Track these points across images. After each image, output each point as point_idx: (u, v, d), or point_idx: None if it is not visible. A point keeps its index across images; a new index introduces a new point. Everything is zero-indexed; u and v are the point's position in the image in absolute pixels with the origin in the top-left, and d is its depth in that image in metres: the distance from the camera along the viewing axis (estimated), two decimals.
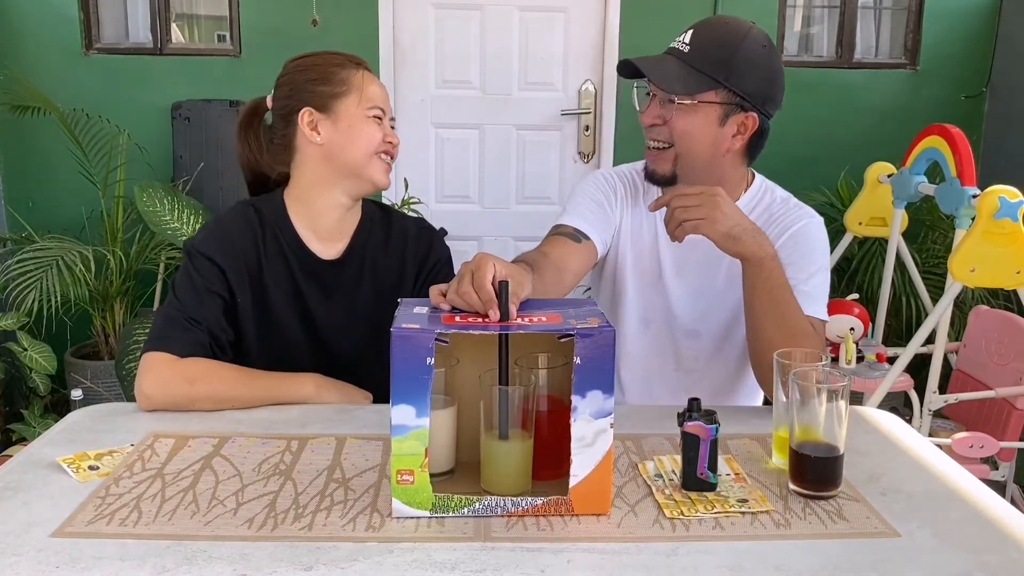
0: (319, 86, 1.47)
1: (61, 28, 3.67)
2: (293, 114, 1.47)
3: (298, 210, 1.50)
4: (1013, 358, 2.59)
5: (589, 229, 1.53)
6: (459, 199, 3.95)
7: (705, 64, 1.45)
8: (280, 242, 1.49)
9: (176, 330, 1.38)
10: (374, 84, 1.50)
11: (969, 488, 1.10)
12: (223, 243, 1.46)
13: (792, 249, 1.49)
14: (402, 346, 0.96)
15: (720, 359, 1.61)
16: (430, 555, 0.91)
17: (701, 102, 1.46)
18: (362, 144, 1.47)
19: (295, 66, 1.52)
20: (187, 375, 1.34)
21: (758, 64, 1.47)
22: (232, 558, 0.90)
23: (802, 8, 4.07)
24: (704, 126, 1.47)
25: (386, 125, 1.51)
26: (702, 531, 0.98)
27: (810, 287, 1.46)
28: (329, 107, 1.46)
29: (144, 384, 1.33)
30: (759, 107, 1.48)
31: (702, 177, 1.49)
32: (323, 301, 1.50)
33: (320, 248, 1.51)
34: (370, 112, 1.47)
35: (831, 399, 1.04)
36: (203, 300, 1.42)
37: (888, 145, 3.60)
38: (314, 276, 1.50)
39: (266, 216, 1.50)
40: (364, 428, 1.27)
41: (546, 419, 1.06)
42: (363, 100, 1.47)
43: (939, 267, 3.46)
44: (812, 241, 1.52)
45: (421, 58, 3.82)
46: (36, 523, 0.97)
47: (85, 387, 3.18)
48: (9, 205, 3.72)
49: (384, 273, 1.53)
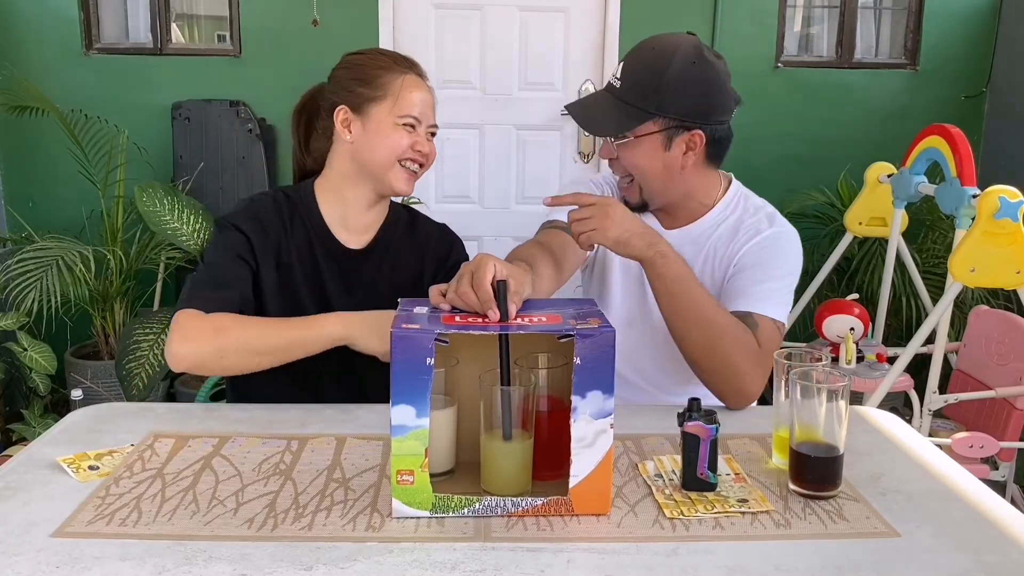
0: (359, 87, 1.49)
1: (61, 28, 3.67)
2: (333, 108, 1.51)
3: (327, 198, 1.54)
4: (1013, 358, 2.59)
5: None
6: (459, 199, 3.96)
7: (636, 97, 1.46)
8: (307, 227, 1.53)
9: (205, 290, 1.41)
10: (416, 91, 1.50)
11: (969, 488, 1.10)
12: (253, 219, 1.49)
13: (756, 253, 1.51)
14: (402, 346, 0.96)
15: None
16: (430, 555, 0.91)
17: (638, 136, 1.47)
18: (385, 151, 1.48)
19: (346, 61, 1.55)
20: (215, 325, 1.35)
21: (689, 82, 1.45)
22: (232, 558, 0.90)
23: (802, 8, 4.07)
24: (650, 155, 1.49)
25: (420, 133, 1.50)
26: (702, 531, 0.98)
27: (762, 289, 1.46)
28: (363, 109, 1.49)
29: (173, 340, 1.34)
30: (701, 123, 1.47)
31: (670, 196, 1.54)
32: (342, 290, 1.53)
33: (346, 237, 1.55)
34: (401, 120, 1.48)
35: (831, 399, 1.04)
36: (233, 266, 1.45)
37: (888, 145, 3.60)
38: (336, 264, 1.53)
39: (295, 201, 1.54)
40: (364, 428, 1.27)
41: (546, 419, 1.06)
42: (397, 107, 1.48)
43: (939, 267, 3.46)
44: (778, 249, 1.52)
45: (421, 58, 3.76)
46: (36, 523, 0.97)
47: (85, 387, 3.18)
48: (9, 205, 3.72)
49: (404, 271, 1.57)
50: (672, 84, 1.44)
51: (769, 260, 1.51)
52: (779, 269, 1.51)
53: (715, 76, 1.47)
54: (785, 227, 1.56)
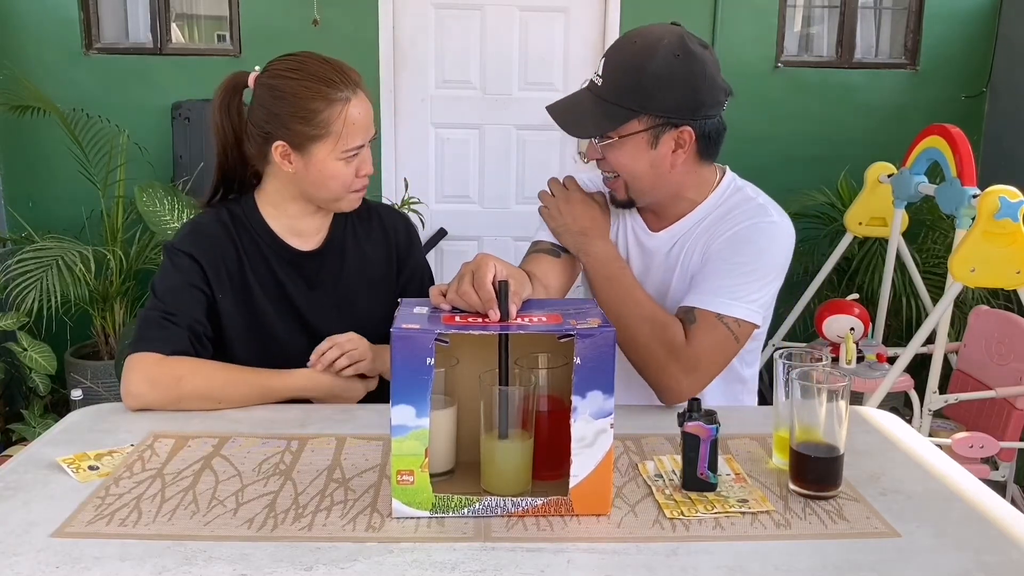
0: (297, 124, 1.38)
1: (61, 28, 3.67)
2: (269, 139, 1.41)
3: (270, 212, 1.50)
4: (1013, 358, 2.59)
5: None
6: (459, 199, 3.96)
7: (618, 95, 1.39)
8: (256, 239, 1.49)
9: (156, 329, 1.38)
10: (358, 117, 1.40)
11: (969, 488, 1.10)
12: (201, 242, 1.45)
13: (724, 246, 1.43)
14: (402, 346, 0.96)
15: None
16: (430, 555, 0.91)
17: (622, 137, 1.40)
18: (331, 187, 1.44)
19: (279, 89, 1.40)
20: (174, 373, 1.34)
21: (674, 78, 1.37)
22: (232, 558, 0.90)
23: (802, 8, 4.07)
24: (636, 154, 1.41)
25: (363, 156, 1.44)
26: (702, 531, 0.98)
27: (718, 284, 1.39)
28: (304, 147, 1.40)
29: (130, 384, 1.33)
30: (689, 118, 1.39)
31: (658, 194, 1.48)
32: (306, 292, 1.50)
33: (297, 242, 1.51)
34: (345, 155, 1.41)
35: (831, 399, 1.04)
36: (181, 295, 1.42)
37: (888, 145, 3.60)
38: (295, 267, 1.50)
39: (239, 216, 1.50)
40: (364, 428, 1.27)
41: (546, 419, 1.06)
42: (341, 143, 1.40)
43: (939, 267, 3.46)
44: (749, 241, 1.43)
45: (421, 58, 3.82)
46: (36, 523, 0.97)
47: (85, 387, 3.18)
48: (9, 205, 3.72)
49: (367, 262, 1.54)
50: (655, 80, 1.36)
51: (736, 253, 1.41)
52: (746, 264, 1.40)
53: (701, 68, 1.38)
54: (767, 219, 1.45)
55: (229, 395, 1.35)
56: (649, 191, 1.47)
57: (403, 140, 3.86)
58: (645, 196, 1.48)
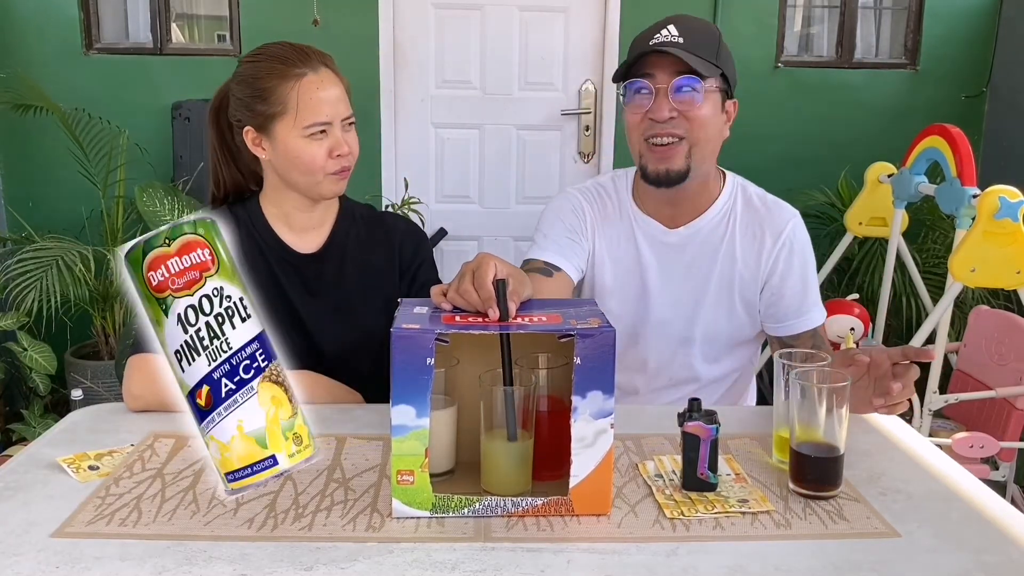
0: (257, 103, 1.40)
1: (61, 28, 3.67)
2: (241, 128, 1.44)
3: (270, 209, 1.51)
4: (1013, 358, 2.59)
5: (560, 260, 1.52)
6: (459, 199, 3.95)
7: (703, 50, 1.42)
8: (257, 241, 1.49)
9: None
10: (317, 91, 1.39)
11: (969, 488, 1.10)
12: None
13: (790, 253, 1.53)
14: (402, 346, 0.96)
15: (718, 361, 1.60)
16: (430, 555, 0.91)
17: (709, 90, 1.43)
18: (302, 167, 1.42)
19: (240, 73, 1.44)
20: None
21: (730, 52, 1.49)
22: (232, 558, 0.90)
23: (802, 8, 4.06)
24: (715, 112, 1.46)
25: (335, 134, 1.41)
26: (702, 531, 0.98)
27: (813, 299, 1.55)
28: (267, 128, 1.41)
29: (131, 385, 1.33)
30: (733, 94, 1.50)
31: (709, 167, 1.51)
32: (306, 296, 1.50)
33: (296, 241, 1.50)
34: (307, 132, 1.39)
35: (831, 399, 1.04)
36: None
37: (888, 145, 3.60)
38: (294, 270, 1.50)
39: (241, 216, 1.50)
40: (364, 428, 1.27)
41: (546, 419, 1.06)
42: (299, 119, 1.38)
43: (939, 267, 3.46)
44: (806, 243, 1.58)
45: (421, 58, 3.82)
46: (36, 523, 0.97)
47: (85, 387, 3.18)
48: (9, 205, 3.72)
49: (368, 269, 1.53)
50: (725, 49, 1.46)
51: (805, 264, 1.56)
52: (811, 264, 1.58)
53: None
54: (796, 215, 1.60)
55: None
56: (708, 158, 1.49)
57: (403, 140, 3.86)
58: (703, 164, 1.48)
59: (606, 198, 1.59)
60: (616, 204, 1.59)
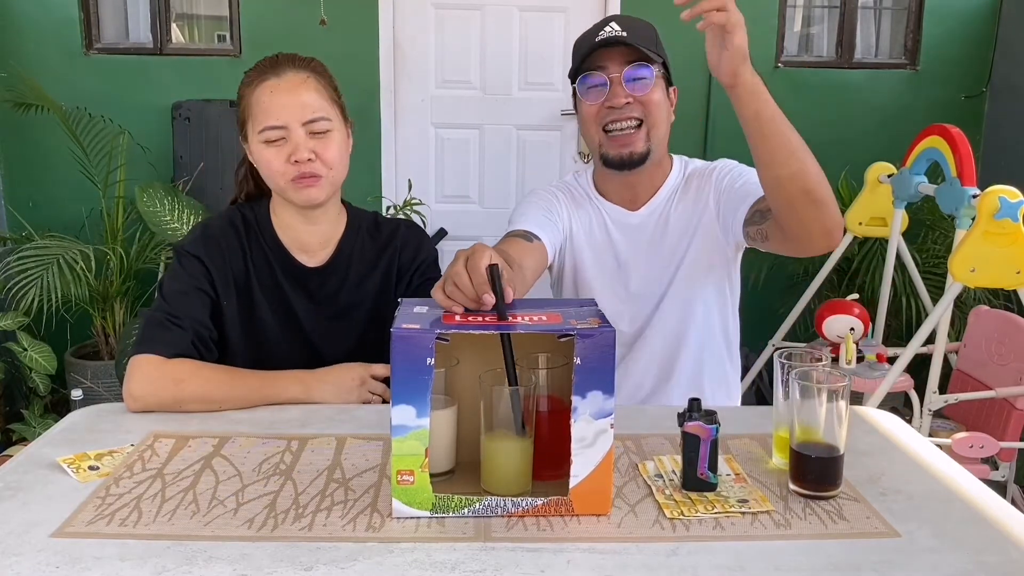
0: (238, 111, 1.45)
1: (61, 28, 3.67)
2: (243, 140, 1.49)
3: (276, 221, 1.51)
4: (1013, 358, 2.59)
5: (539, 231, 1.59)
6: (459, 199, 3.96)
7: (645, 42, 1.54)
8: (264, 248, 1.49)
9: (160, 331, 1.39)
10: (269, 95, 1.38)
11: (969, 488, 1.10)
12: (210, 245, 1.46)
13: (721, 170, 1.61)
14: (402, 346, 0.96)
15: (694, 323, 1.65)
16: (430, 555, 0.91)
17: (656, 76, 1.55)
18: (266, 173, 1.43)
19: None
20: (174, 376, 1.34)
21: (663, 45, 1.60)
22: (232, 558, 0.90)
23: (802, 8, 4.07)
24: (664, 97, 1.58)
25: (294, 140, 1.37)
26: (702, 531, 0.98)
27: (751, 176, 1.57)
28: (243, 133, 1.46)
29: (132, 386, 1.33)
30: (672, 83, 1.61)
31: (662, 148, 1.62)
32: (310, 307, 1.49)
33: (304, 256, 1.50)
34: (262, 136, 1.38)
35: (831, 399, 1.04)
36: (188, 298, 1.42)
37: (888, 145, 3.60)
38: (299, 282, 1.49)
39: (251, 222, 1.50)
40: (364, 428, 1.27)
41: (546, 419, 1.06)
42: (255, 123, 1.39)
43: (939, 267, 3.46)
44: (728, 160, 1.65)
45: (421, 58, 3.82)
46: (36, 523, 0.97)
47: (85, 387, 3.18)
48: (9, 204, 3.72)
49: (372, 282, 1.52)
50: (660, 41, 1.58)
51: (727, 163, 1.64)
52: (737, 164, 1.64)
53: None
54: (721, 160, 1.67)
55: (230, 398, 1.35)
56: (663, 140, 1.61)
57: (403, 140, 3.86)
58: (660, 146, 1.61)
59: (574, 191, 1.71)
60: (584, 195, 1.70)
